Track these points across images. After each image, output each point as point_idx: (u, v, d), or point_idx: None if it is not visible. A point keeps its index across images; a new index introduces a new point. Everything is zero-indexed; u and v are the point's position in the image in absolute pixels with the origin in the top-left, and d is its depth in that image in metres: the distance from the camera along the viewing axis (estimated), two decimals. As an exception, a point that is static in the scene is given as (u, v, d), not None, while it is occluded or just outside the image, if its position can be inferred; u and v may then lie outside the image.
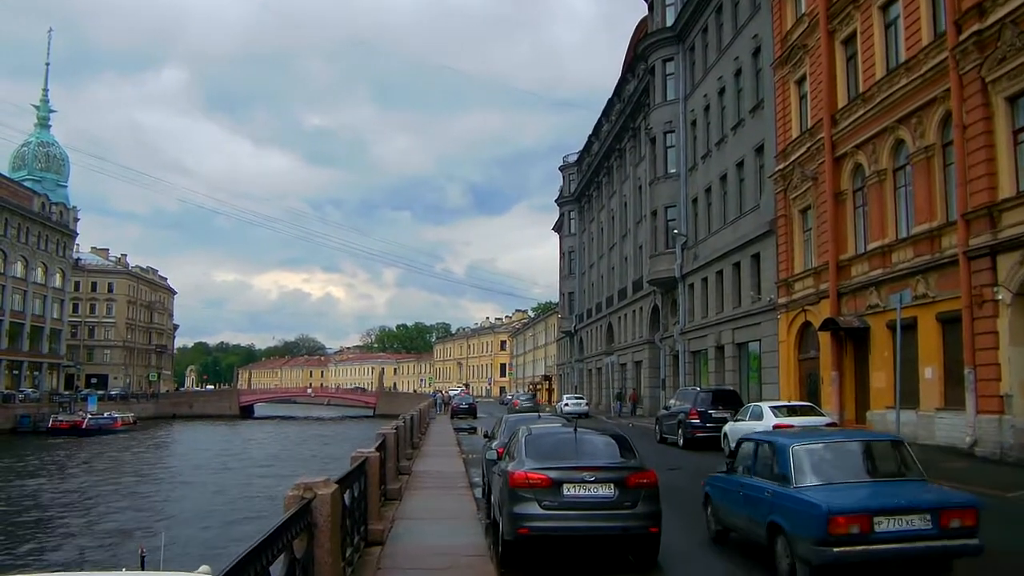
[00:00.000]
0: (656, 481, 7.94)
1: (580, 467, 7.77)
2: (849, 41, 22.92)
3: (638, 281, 46.48)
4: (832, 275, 22.71)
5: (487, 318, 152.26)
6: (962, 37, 17.18)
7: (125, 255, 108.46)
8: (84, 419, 57.87)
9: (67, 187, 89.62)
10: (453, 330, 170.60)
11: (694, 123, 36.45)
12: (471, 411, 50.15)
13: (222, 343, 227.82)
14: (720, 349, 32.14)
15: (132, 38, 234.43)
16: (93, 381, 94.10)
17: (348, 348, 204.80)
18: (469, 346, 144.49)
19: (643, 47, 40.65)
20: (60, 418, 57.94)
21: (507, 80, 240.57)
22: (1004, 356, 15.85)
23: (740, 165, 30.76)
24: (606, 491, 7.68)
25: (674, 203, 38.01)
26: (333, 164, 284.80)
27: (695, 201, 36.10)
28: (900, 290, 18.42)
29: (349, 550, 7.08)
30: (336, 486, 5.39)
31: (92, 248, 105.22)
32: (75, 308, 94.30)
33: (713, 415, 21.41)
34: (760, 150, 28.89)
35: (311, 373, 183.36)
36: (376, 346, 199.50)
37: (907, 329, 17.67)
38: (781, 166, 26.34)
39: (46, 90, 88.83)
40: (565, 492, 7.63)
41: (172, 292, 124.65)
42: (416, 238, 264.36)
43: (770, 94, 27.81)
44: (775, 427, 16.73)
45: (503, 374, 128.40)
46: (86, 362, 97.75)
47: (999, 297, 16.06)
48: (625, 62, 51.82)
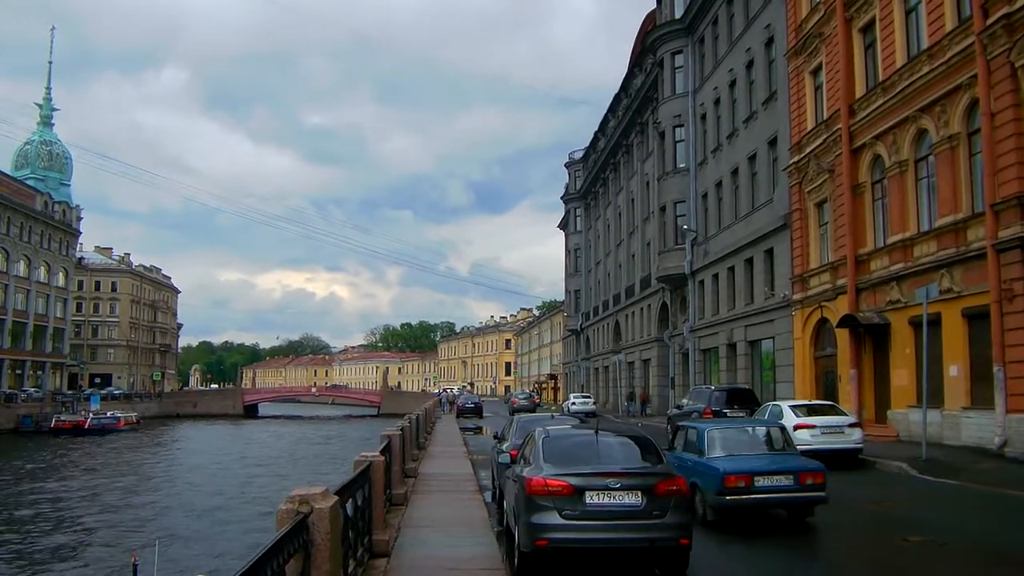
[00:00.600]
0: (688, 489, 7.29)
1: (604, 473, 7.11)
2: (868, 29, 22.22)
3: (646, 278, 45.81)
4: (850, 270, 22.02)
5: (491, 317, 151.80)
6: (990, 21, 16.52)
7: (128, 254, 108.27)
8: (87, 419, 57.37)
9: (70, 186, 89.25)
10: (458, 329, 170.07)
11: (704, 117, 35.76)
12: (477, 410, 49.69)
13: (227, 342, 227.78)
14: (732, 347, 31.46)
15: (132, 37, 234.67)
16: (97, 380, 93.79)
17: (352, 347, 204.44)
18: (474, 345, 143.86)
19: (651, 40, 39.96)
20: (63, 418, 57.45)
21: (508, 78, 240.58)
22: (1036, 353, 15.21)
23: (752, 158, 30.07)
24: (632, 499, 7.02)
25: (683, 198, 37.34)
26: (334, 163, 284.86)
27: (705, 196, 35.41)
28: (925, 284, 17.76)
29: (352, 563, 6.44)
30: (336, 498, 4.75)
31: (96, 247, 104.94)
32: (78, 307, 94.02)
33: (728, 414, 20.69)
34: (773, 143, 28.20)
35: (315, 372, 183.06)
36: (380, 345, 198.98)
37: (931, 325, 16.97)
38: (796, 159, 25.65)
39: (49, 88, 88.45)
40: (587, 500, 6.97)
41: (176, 291, 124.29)
42: (419, 237, 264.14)
43: (784, 85, 27.12)
44: (796, 427, 16.09)
45: (508, 373, 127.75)
46: (90, 361, 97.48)
47: (1031, 291, 15.42)
48: (632, 56, 51.10)
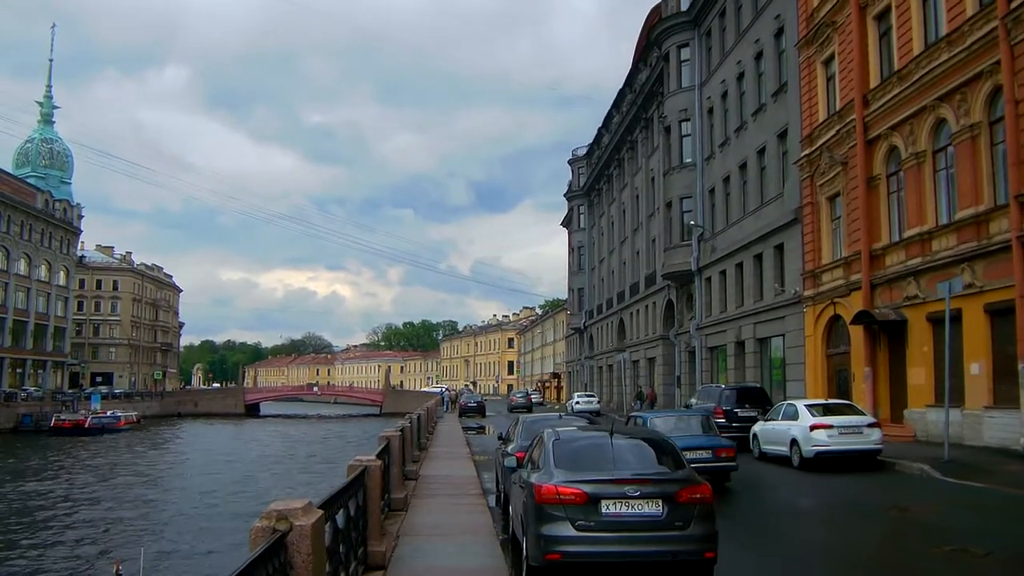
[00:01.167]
0: (712, 496, 6.66)
1: (621, 479, 6.48)
2: (883, 16, 21.54)
3: (651, 275, 45.15)
4: (865, 265, 21.35)
5: (494, 315, 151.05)
6: (1014, 4, 15.86)
7: (130, 252, 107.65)
8: (87, 418, 56.82)
9: (71, 184, 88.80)
10: (460, 328, 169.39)
11: (711, 110, 35.09)
12: (480, 409, 49.06)
13: (229, 341, 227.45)
14: (740, 345, 30.80)
15: (133, 36, 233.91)
16: (98, 379, 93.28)
17: (355, 346, 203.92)
18: (476, 344, 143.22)
19: (656, 33, 39.27)
20: (62, 417, 56.83)
21: (509, 77, 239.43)
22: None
23: (761, 152, 29.40)
24: (653, 508, 6.40)
25: (690, 194, 36.67)
26: (336, 162, 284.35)
27: (712, 191, 34.75)
28: (944, 279, 17.04)
29: (344, 579, 5.83)
30: (320, 513, 4.12)
31: (97, 246, 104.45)
32: (80, 306, 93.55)
33: (739, 414, 20.09)
34: (783, 136, 27.54)
35: (317, 371, 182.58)
36: (383, 344, 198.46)
37: (952, 321, 16.27)
38: (807, 151, 24.98)
39: (50, 86, 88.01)
40: (603, 510, 6.35)
41: (178, 290, 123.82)
42: (420, 236, 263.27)
43: (794, 76, 26.45)
44: (813, 427, 15.47)
45: (511, 372, 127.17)
46: (91, 360, 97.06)
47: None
48: (637, 51, 50.42)
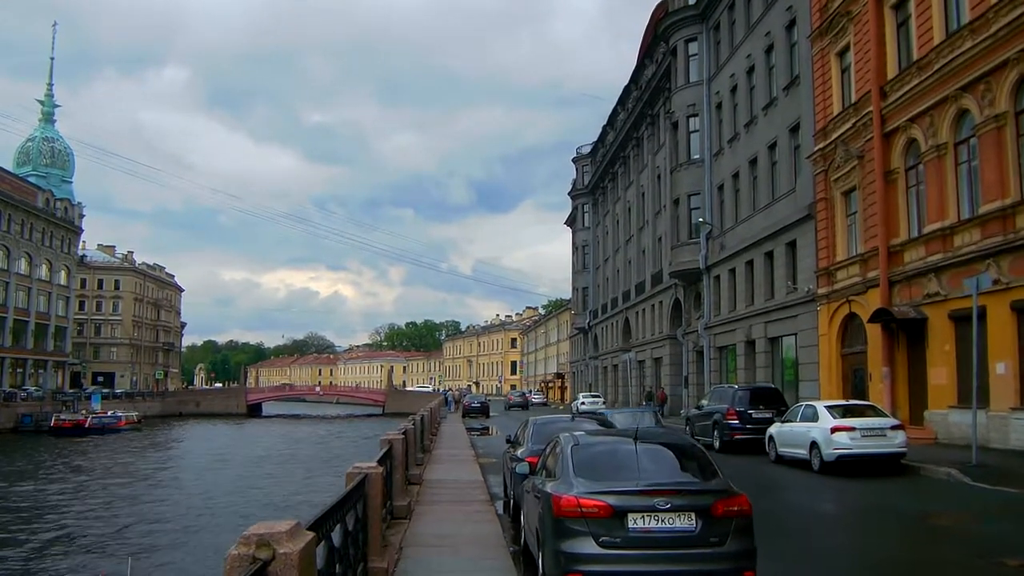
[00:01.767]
0: (750, 509, 6.02)
1: (650, 490, 5.83)
2: (901, 5, 20.88)
3: (657, 274, 44.51)
4: (882, 261, 20.69)
5: (497, 315, 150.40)
6: (1043, -11, 15.21)
7: (131, 252, 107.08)
8: (87, 418, 56.31)
9: (72, 183, 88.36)
10: (463, 328, 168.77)
11: (719, 105, 34.43)
12: (484, 410, 48.57)
13: (231, 341, 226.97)
14: (750, 344, 30.14)
15: (132, 36, 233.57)
16: (100, 379, 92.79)
17: (357, 346, 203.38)
18: (479, 344, 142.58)
19: (664, 27, 38.64)
20: (63, 417, 56.31)
21: (509, 77, 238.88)
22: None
23: (772, 147, 28.75)
24: (686, 522, 5.76)
25: (698, 190, 36.03)
26: (336, 162, 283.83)
27: (721, 188, 34.08)
28: (967, 276, 16.40)
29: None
30: (310, 536, 3.48)
31: (99, 245, 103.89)
32: (81, 305, 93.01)
33: (753, 415, 19.41)
34: (795, 130, 26.88)
35: (320, 371, 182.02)
36: (385, 344, 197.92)
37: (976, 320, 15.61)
38: (821, 145, 24.32)
39: (51, 85, 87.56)
40: (630, 524, 5.71)
41: (179, 289, 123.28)
42: (421, 236, 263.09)
43: (807, 69, 25.79)
44: (834, 429, 14.82)
45: (514, 372, 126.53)
46: (92, 360, 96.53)
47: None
48: (642, 47, 49.79)
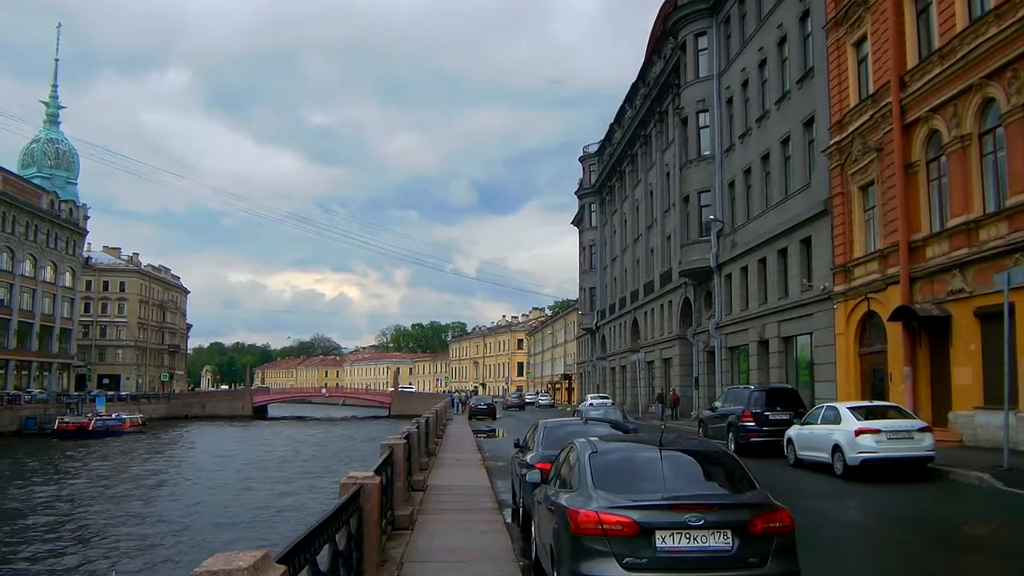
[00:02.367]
0: (793, 525, 5.36)
1: (680, 504, 5.19)
2: (921, -8, 20.19)
3: (666, 273, 43.80)
4: (903, 257, 19.96)
5: (503, 316, 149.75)
6: (1075, -31, 14.50)
7: (137, 254, 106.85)
8: (91, 420, 55.86)
9: (77, 184, 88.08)
10: (469, 329, 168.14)
11: (730, 101, 33.73)
12: (490, 411, 48.05)
13: (238, 343, 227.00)
14: (763, 344, 29.41)
15: (132, 38, 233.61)
16: (105, 381, 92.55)
17: (363, 348, 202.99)
18: (485, 345, 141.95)
19: (672, 22, 37.94)
20: (66, 420, 55.89)
21: (510, 77, 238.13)
22: None
23: (785, 142, 28.04)
24: (721, 541, 5.10)
25: (708, 188, 35.31)
26: (338, 163, 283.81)
27: (732, 184, 33.37)
28: (995, 271, 15.67)
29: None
30: (281, 569, 2.86)
31: (104, 247, 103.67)
32: (86, 307, 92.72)
33: (770, 417, 18.75)
34: (810, 123, 26.17)
35: (326, 373, 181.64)
36: (392, 345, 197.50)
37: (1001, 317, 14.85)
38: (837, 139, 23.60)
39: (55, 86, 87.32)
40: (658, 543, 5.06)
41: (185, 291, 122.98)
42: (425, 237, 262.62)
43: (822, 61, 25.09)
44: (858, 432, 14.13)
45: (520, 373, 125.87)
46: (98, 362, 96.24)
47: None
48: (650, 43, 49.07)
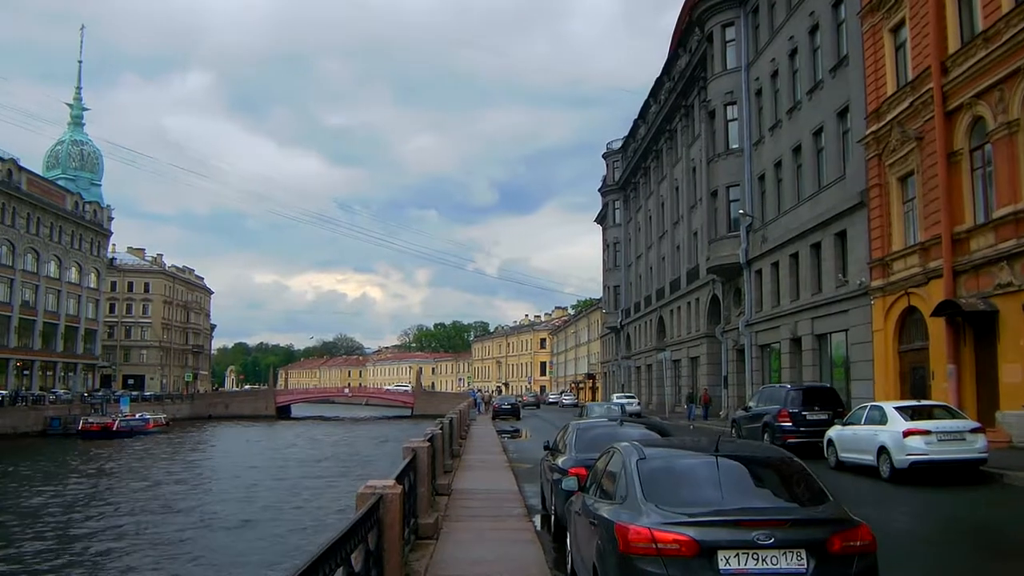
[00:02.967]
0: (875, 543, 4.70)
1: (746, 520, 4.56)
2: (963, -27, 19.30)
3: (693, 270, 42.96)
4: (946, 250, 19.09)
5: (526, 316, 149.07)
6: None
7: (161, 255, 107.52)
8: (115, 421, 56.11)
9: (101, 186, 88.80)
10: (491, 328, 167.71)
11: (759, 92, 32.85)
12: (514, 412, 47.54)
13: (261, 343, 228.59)
14: (796, 342, 28.53)
15: (154, 41, 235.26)
16: (130, 382, 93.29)
17: (386, 348, 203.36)
18: (508, 344, 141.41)
19: (699, 13, 37.11)
20: (91, 420, 56.13)
21: (528, 77, 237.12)
22: None
23: (818, 133, 27.16)
24: (795, 563, 4.46)
25: (737, 182, 34.45)
26: (357, 164, 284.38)
27: (762, 178, 32.49)
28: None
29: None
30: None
31: (128, 248, 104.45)
32: (111, 308, 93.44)
33: (808, 417, 17.99)
34: (844, 113, 25.30)
35: (349, 373, 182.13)
36: (414, 345, 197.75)
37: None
38: (874, 128, 22.72)
39: (79, 88, 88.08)
40: (721, 565, 4.44)
41: (209, 292, 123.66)
42: (446, 238, 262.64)
43: (857, 48, 24.21)
44: (906, 433, 13.36)
45: (543, 373, 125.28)
46: (122, 363, 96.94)
47: None
48: (675, 36, 48.20)
